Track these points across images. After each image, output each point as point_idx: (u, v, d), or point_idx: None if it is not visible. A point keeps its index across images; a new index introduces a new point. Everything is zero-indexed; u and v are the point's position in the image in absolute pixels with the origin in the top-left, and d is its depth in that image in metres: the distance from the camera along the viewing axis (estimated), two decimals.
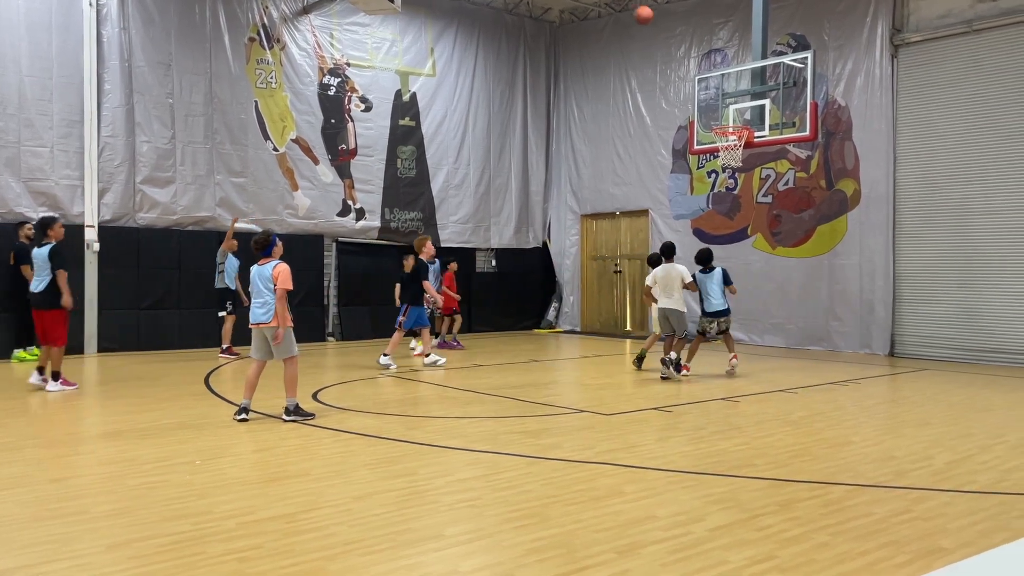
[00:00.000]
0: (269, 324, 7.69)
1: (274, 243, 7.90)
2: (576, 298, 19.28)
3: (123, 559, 4.08)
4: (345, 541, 4.35)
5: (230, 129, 15.04)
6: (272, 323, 7.68)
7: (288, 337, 7.76)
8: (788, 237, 15.27)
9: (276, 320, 7.65)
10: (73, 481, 5.62)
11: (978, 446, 6.77)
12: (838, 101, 14.51)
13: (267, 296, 7.70)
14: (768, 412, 8.34)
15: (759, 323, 15.72)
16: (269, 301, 7.69)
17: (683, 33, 16.95)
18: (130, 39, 13.97)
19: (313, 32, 16.09)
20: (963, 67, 13.09)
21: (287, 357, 7.76)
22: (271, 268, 7.71)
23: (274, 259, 7.83)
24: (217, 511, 4.86)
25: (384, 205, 17.06)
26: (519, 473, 5.79)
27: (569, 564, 4.02)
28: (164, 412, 8.22)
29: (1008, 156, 12.60)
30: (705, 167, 16.54)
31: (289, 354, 7.77)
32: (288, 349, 7.77)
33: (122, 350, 13.83)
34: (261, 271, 7.78)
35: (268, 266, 7.75)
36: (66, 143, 13.43)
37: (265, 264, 7.79)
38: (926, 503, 5.09)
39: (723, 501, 5.09)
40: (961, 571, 2.01)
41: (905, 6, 13.86)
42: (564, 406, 8.71)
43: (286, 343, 7.74)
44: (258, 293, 7.77)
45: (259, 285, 7.76)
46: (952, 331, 13.15)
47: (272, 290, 7.66)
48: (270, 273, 7.70)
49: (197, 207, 14.68)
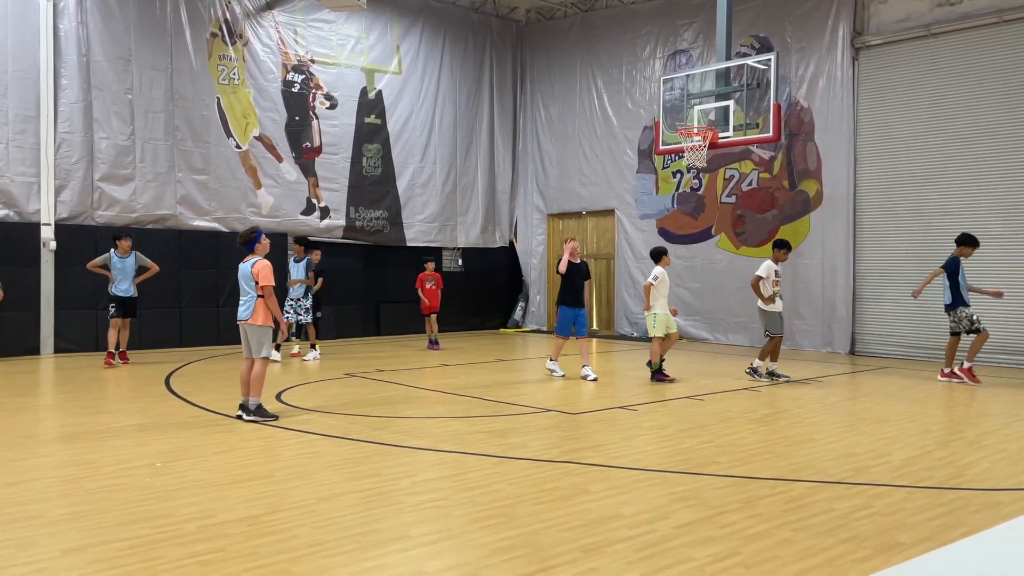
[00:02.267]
0: (249, 321, 7.63)
1: (257, 239, 7.79)
2: (543, 297, 19.30)
3: (81, 563, 4.00)
4: (309, 543, 4.30)
5: (191, 126, 14.81)
6: (251, 320, 7.60)
7: (266, 336, 7.70)
8: (752, 237, 15.45)
9: (256, 318, 7.59)
10: (30, 485, 5.49)
11: (936, 442, 6.90)
12: (801, 103, 14.71)
13: (249, 294, 7.65)
14: (732, 410, 8.43)
15: (723, 322, 15.88)
16: (251, 298, 7.64)
17: (648, 34, 17.06)
18: (88, 33, 13.70)
19: (277, 28, 15.91)
20: (922, 70, 13.35)
21: (261, 356, 7.68)
22: (251, 266, 7.66)
23: (256, 256, 7.74)
24: (178, 514, 4.78)
25: (349, 204, 16.93)
26: (485, 473, 5.78)
27: (535, 563, 4.02)
28: (123, 414, 8.07)
29: (964, 157, 12.88)
30: (670, 167, 16.67)
31: (264, 354, 7.70)
32: (264, 349, 7.70)
33: (80, 351, 13.56)
34: (243, 268, 7.73)
35: (249, 263, 7.70)
36: (22, 139, 13.13)
37: (247, 261, 7.74)
38: (885, 499, 5.18)
39: (687, 499, 5.13)
40: (920, 566, 2.05)
41: (866, 9, 14.09)
42: (530, 405, 8.71)
43: (264, 342, 7.68)
44: (241, 290, 7.73)
45: (241, 282, 7.73)
46: (911, 330, 13.40)
47: (253, 288, 7.61)
48: (250, 271, 7.65)
49: (157, 205, 14.44)
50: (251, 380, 7.65)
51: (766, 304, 10.52)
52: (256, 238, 7.78)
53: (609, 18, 17.82)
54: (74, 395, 9.31)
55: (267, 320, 7.65)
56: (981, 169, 12.72)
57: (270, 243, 7.98)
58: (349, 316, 16.87)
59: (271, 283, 7.59)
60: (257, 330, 7.65)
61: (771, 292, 10.52)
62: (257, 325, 7.63)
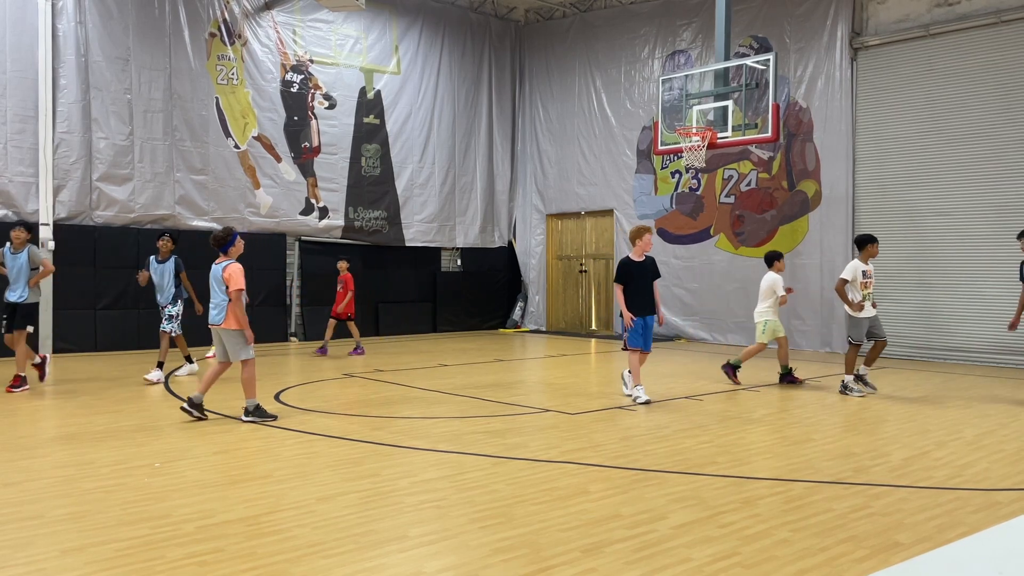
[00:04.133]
0: (221, 326, 7.57)
1: (232, 241, 7.65)
2: (541, 298, 19.31)
3: (79, 564, 3.99)
4: (308, 543, 4.30)
5: (190, 126, 14.81)
6: (224, 324, 7.54)
7: (242, 339, 7.58)
8: (751, 237, 15.46)
9: (229, 322, 7.51)
10: (28, 485, 5.48)
11: (934, 442, 6.90)
12: (799, 103, 14.72)
13: (221, 297, 7.56)
14: (731, 410, 8.43)
15: (722, 322, 15.90)
16: (222, 302, 7.54)
17: (647, 34, 17.07)
18: (87, 33, 13.69)
19: (275, 28, 15.90)
20: (920, 71, 13.36)
21: (243, 359, 7.59)
22: (222, 268, 7.56)
23: (229, 258, 7.63)
24: (176, 514, 4.77)
25: (348, 204, 16.93)
26: (484, 473, 5.77)
27: (535, 563, 4.02)
28: (122, 414, 8.06)
29: (961, 158, 12.89)
30: (669, 167, 16.67)
31: (244, 356, 7.60)
32: (243, 351, 7.59)
33: (78, 351, 13.55)
34: (215, 271, 7.61)
35: (220, 266, 7.59)
36: (20, 139, 13.12)
37: (219, 263, 7.63)
38: (884, 499, 5.18)
39: (686, 499, 5.13)
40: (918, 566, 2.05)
41: (864, 10, 14.10)
42: (529, 406, 8.71)
43: (240, 345, 7.58)
44: (213, 293, 7.63)
45: (213, 285, 7.61)
46: (909, 330, 13.41)
47: (225, 291, 7.52)
48: (221, 274, 7.54)
49: (156, 205, 14.43)
50: (243, 383, 7.61)
51: (855, 311, 9.23)
52: (231, 240, 7.64)
53: (608, 18, 17.82)
54: (72, 395, 9.29)
55: (241, 322, 7.54)
56: (979, 169, 12.73)
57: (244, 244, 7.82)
58: None
59: (241, 287, 7.47)
60: (231, 334, 7.56)
61: (860, 297, 9.28)
62: (231, 329, 7.53)
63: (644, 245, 8.82)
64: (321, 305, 16.52)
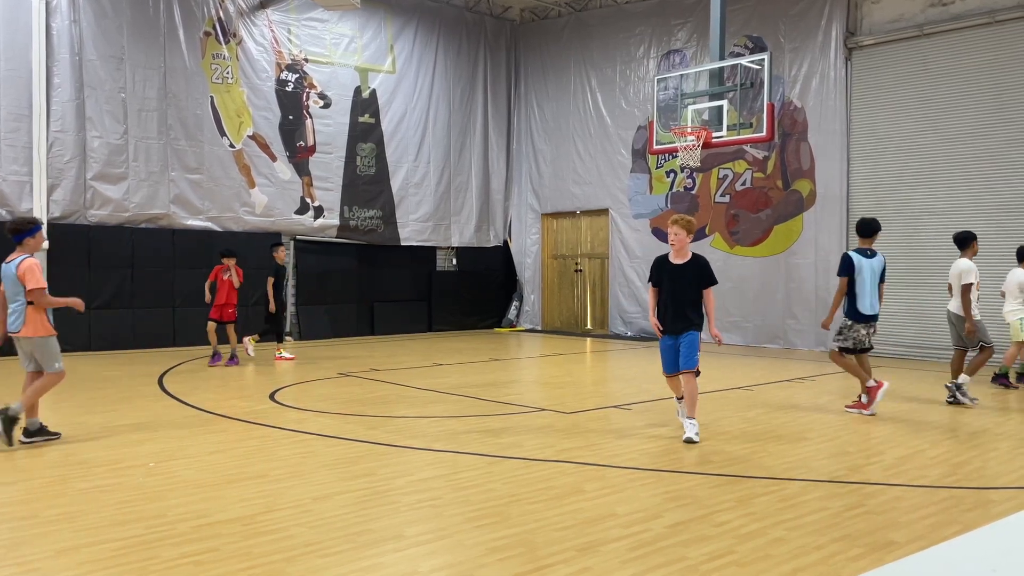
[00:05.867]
0: (19, 334, 6.49)
1: (31, 232, 6.50)
2: (537, 297, 19.32)
3: (73, 564, 3.98)
4: (304, 543, 4.30)
5: (185, 125, 14.77)
6: (23, 332, 6.47)
7: (49, 347, 6.57)
8: (746, 236, 15.48)
9: (30, 328, 6.46)
10: (22, 484, 5.47)
11: (928, 441, 6.92)
12: (794, 103, 14.74)
13: (19, 300, 6.46)
14: (726, 409, 8.45)
15: (717, 321, 15.87)
16: (20, 306, 6.45)
17: (642, 33, 17.08)
18: (81, 32, 13.64)
19: (270, 27, 15.88)
20: (914, 70, 13.40)
21: (50, 371, 6.62)
22: (15, 265, 6.43)
23: (24, 252, 6.49)
24: (171, 514, 4.76)
25: (343, 203, 16.90)
26: (480, 472, 5.78)
27: (530, 563, 4.02)
28: (116, 414, 8.05)
29: (954, 157, 12.93)
30: (664, 167, 16.68)
31: (51, 367, 6.60)
32: (51, 360, 6.59)
33: (73, 351, 13.49)
34: (6, 269, 6.47)
35: (14, 263, 6.44)
36: (14, 138, 13.07)
37: (12, 260, 6.45)
38: (878, 498, 5.19)
39: (681, 498, 5.14)
40: (912, 564, 2.05)
41: (858, 9, 14.13)
42: (525, 405, 8.71)
43: (50, 354, 6.57)
44: (11, 297, 6.50)
45: (7, 287, 6.48)
46: (903, 329, 13.45)
47: (22, 292, 6.42)
48: (15, 272, 6.41)
49: (150, 204, 14.40)
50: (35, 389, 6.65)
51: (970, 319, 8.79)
52: (30, 231, 6.50)
53: (603, 18, 17.83)
54: (67, 395, 9.27)
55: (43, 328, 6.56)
56: (973, 168, 12.77)
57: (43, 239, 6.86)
58: (343, 315, 16.85)
59: (41, 285, 6.42)
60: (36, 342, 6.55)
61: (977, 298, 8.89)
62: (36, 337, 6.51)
63: (671, 240, 6.98)
64: (316, 304, 16.53)
